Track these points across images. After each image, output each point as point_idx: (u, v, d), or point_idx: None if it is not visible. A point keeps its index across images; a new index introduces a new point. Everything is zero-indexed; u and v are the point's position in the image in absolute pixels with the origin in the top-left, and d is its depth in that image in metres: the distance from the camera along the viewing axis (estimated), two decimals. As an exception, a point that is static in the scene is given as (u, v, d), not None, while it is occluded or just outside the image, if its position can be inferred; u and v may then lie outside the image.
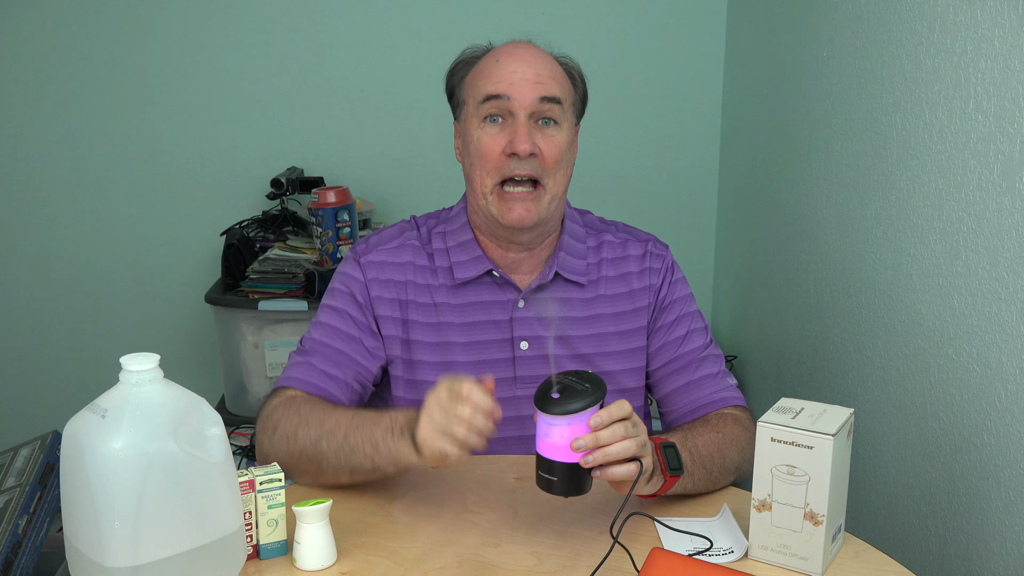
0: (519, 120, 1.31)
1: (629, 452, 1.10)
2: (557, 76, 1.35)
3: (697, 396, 1.40)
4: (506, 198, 1.33)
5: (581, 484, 1.10)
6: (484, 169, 1.33)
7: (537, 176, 1.32)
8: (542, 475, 1.10)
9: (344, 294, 1.40)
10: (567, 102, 1.35)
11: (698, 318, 1.46)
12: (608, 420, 1.09)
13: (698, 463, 1.25)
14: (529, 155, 1.31)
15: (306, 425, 1.27)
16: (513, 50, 1.35)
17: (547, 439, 1.08)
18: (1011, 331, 1.31)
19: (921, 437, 1.56)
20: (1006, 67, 1.31)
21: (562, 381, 1.09)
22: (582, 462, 1.08)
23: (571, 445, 1.07)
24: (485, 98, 1.32)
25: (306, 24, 2.71)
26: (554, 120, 1.33)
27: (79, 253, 2.80)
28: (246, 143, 2.76)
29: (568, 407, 1.06)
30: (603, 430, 1.08)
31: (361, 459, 1.22)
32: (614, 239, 1.46)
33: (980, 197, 1.38)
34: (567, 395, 1.07)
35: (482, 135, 1.33)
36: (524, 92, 1.31)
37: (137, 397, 0.96)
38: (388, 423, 1.20)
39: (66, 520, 1.01)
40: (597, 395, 1.08)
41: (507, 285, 1.40)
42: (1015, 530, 1.30)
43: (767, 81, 2.38)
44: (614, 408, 1.10)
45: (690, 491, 1.26)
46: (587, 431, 1.08)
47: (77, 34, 2.67)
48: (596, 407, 1.09)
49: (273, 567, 1.13)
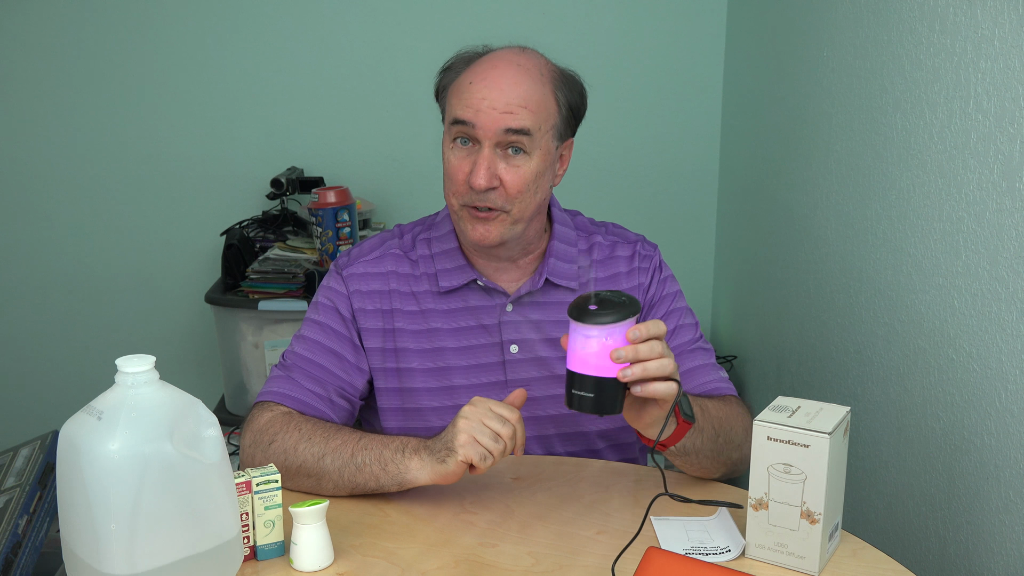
0: (483, 151, 1.28)
1: (667, 370, 1.09)
2: (531, 103, 1.28)
3: (690, 387, 1.39)
4: (470, 216, 1.31)
5: (615, 401, 1.08)
6: (451, 190, 1.32)
7: (497, 207, 1.30)
8: (575, 393, 1.08)
9: (328, 308, 1.40)
10: (541, 130, 1.29)
11: (687, 314, 1.46)
12: (645, 334, 1.07)
13: (707, 421, 1.24)
14: (486, 190, 1.28)
15: (308, 441, 1.27)
16: (488, 72, 1.29)
17: (582, 352, 1.06)
18: (1011, 331, 1.30)
19: (921, 437, 1.56)
20: (1006, 67, 1.30)
21: (599, 294, 1.07)
22: (620, 375, 1.06)
23: (611, 356, 1.05)
24: (453, 120, 1.30)
25: (306, 24, 2.71)
26: (523, 150, 1.29)
27: (79, 253, 2.80)
28: (246, 143, 2.76)
29: (606, 317, 1.05)
30: (642, 344, 1.07)
31: (367, 477, 1.23)
32: (603, 241, 1.46)
33: (980, 197, 1.37)
34: (605, 306, 1.06)
35: (451, 156, 1.31)
36: (489, 122, 1.26)
37: (133, 399, 0.96)
38: (398, 444, 1.23)
39: (63, 523, 1.01)
40: (634, 308, 1.07)
41: (494, 291, 1.40)
42: (1015, 530, 1.30)
43: (767, 81, 2.38)
44: (651, 324, 1.08)
45: (699, 452, 1.24)
46: (624, 344, 1.06)
47: (77, 34, 2.67)
48: (632, 320, 1.07)
49: (270, 568, 1.13)
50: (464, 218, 1.32)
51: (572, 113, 1.36)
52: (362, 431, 1.29)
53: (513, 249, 1.38)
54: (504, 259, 1.39)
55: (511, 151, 1.29)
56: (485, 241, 1.32)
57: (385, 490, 1.25)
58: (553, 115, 1.31)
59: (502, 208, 1.30)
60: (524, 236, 1.36)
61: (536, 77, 1.30)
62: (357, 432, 1.28)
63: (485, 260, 1.40)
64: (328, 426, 1.30)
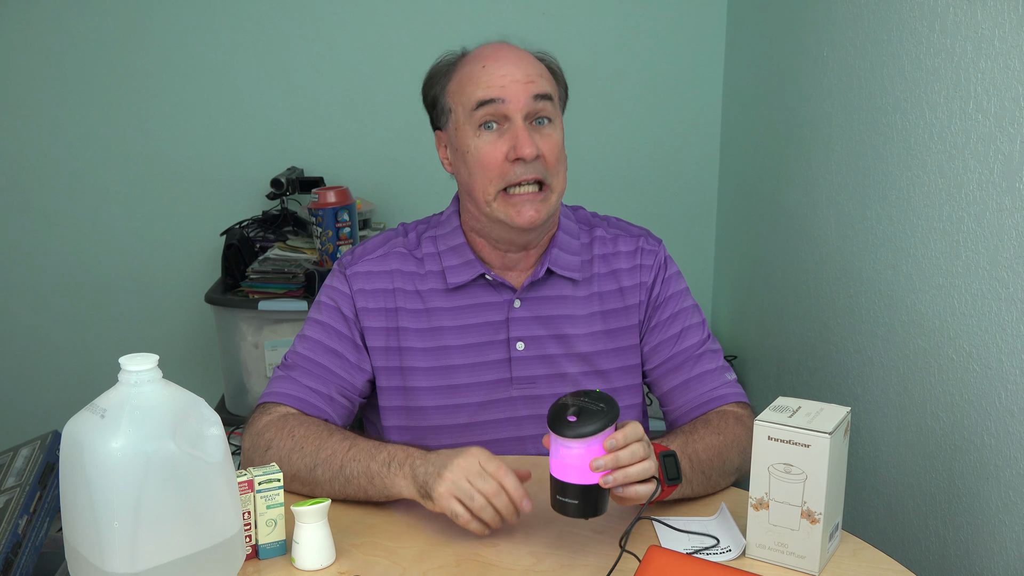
0: (516, 123, 1.29)
1: (648, 472, 1.10)
2: (544, 73, 1.34)
3: (696, 393, 1.39)
4: (513, 201, 1.31)
5: (598, 505, 1.10)
6: (486, 178, 1.31)
7: (542, 178, 1.31)
8: (559, 498, 1.09)
9: (330, 307, 1.40)
10: (556, 97, 1.35)
11: (694, 312, 1.45)
12: (624, 441, 1.09)
13: (697, 470, 1.25)
14: (535, 158, 1.29)
15: (300, 451, 1.27)
16: (497, 52, 1.33)
17: (562, 461, 1.08)
18: (1011, 331, 1.31)
19: (921, 437, 1.56)
20: (1006, 67, 1.31)
21: (576, 403, 1.09)
22: (602, 482, 1.07)
23: (590, 466, 1.06)
24: (478, 104, 1.30)
25: (306, 24, 2.71)
26: (548, 118, 1.32)
27: (79, 253, 2.80)
28: (246, 143, 2.76)
29: (585, 429, 1.06)
30: (623, 451, 1.08)
31: (355, 490, 1.23)
32: (605, 234, 1.45)
33: (980, 197, 1.38)
34: (583, 417, 1.07)
35: (480, 144, 1.31)
36: (518, 94, 1.29)
37: (136, 397, 0.96)
38: (385, 456, 1.21)
39: (65, 521, 1.01)
40: (612, 415, 1.08)
41: (501, 286, 1.39)
42: (1015, 530, 1.30)
43: (767, 81, 2.38)
44: (628, 430, 1.10)
45: (687, 495, 1.26)
46: (603, 452, 1.08)
47: (77, 34, 2.67)
48: (611, 428, 1.09)
49: (272, 567, 1.13)
50: (503, 206, 1.31)
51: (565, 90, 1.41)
52: (353, 437, 1.27)
53: (542, 232, 1.38)
54: (524, 247, 1.39)
55: (536, 123, 1.31)
56: (535, 222, 1.31)
57: (375, 500, 1.24)
58: (556, 87, 1.37)
59: (545, 180, 1.31)
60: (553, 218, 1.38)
61: (532, 54, 1.37)
62: (348, 439, 1.26)
63: (502, 252, 1.39)
64: (320, 431, 1.28)
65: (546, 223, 1.35)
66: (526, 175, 1.30)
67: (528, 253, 1.40)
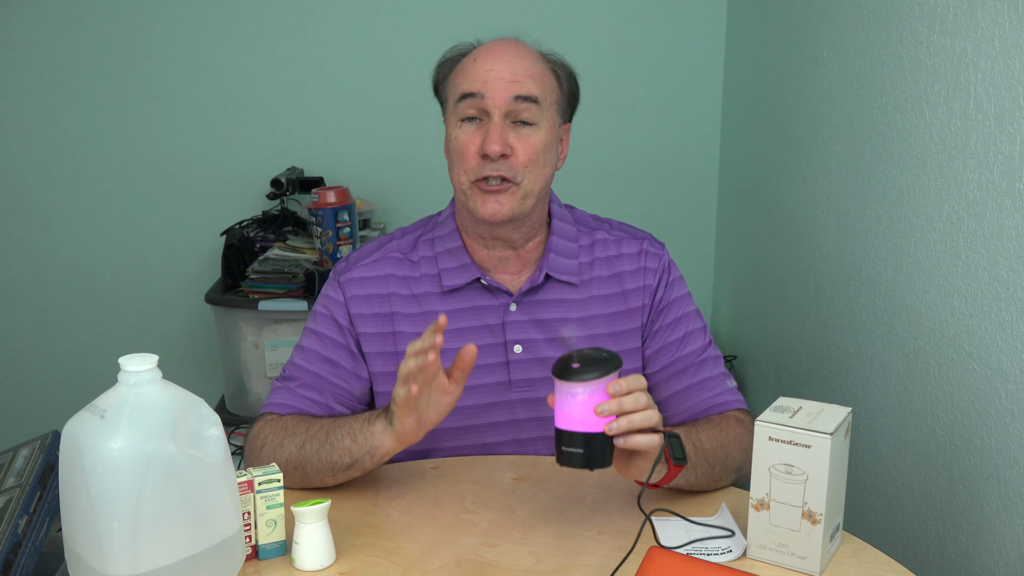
0: (494, 120, 1.30)
1: (652, 421, 1.10)
2: (536, 75, 1.32)
3: (698, 400, 1.39)
4: (480, 193, 1.32)
5: (604, 455, 1.09)
6: (461, 168, 1.33)
7: (509, 177, 1.30)
8: (564, 450, 1.09)
9: (325, 316, 1.40)
10: (547, 101, 1.33)
11: (696, 318, 1.45)
12: (627, 388, 1.09)
13: (701, 457, 1.25)
14: (500, 156, 1.29)
15: (291, 435, 1.29)
16: (492, 48, 1.34)
17: (568, 410, 1.08)
18: (1011, 331, 1.31)
19: (921, 437, 1.56)
20: (1006, 67, 1.31)
21: (581, 352, 1.10)
22: (606, 429, 1.07)
23: (595, 410, 1.07)
24: (461, 96, 1.31)
25: (306, 24, 2.71)
26: (530, 121, 1.31)
27: (79, 253, 2.80)
28: (246, 143, 2.76)
29: (589, 374, 1.07)
30: (626, 396, 1.08)
31: (341, 453, 1.25)
32: (608, 237, 1.44)
33: (980, 197, 1.38)
34: (587, 364, 1.08)
35: (459, 134, 1.32)
36: (498, 91, 1.29)
37: (136, 397, 0.96)
38: (367, 415, 1.26)
39: (65, 522, 1.01)
40: (615, 363, 1.09)
41: (497, 290, 1.39)
42: (1015, 530, 1.30)
43: (767, 81, 2.38)
44: (631, 378, 1.10)
45: (692, 486, 1.26)
46: (607, 399, 1.08)
47: (77, 34, 2.67)
48: (615, 375, 1.09)
49: (272, 567, 1.13)
50: (474, 195, 1.32)
51: (571, 92, 1.40)
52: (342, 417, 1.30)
53: (517, 231, 1.37)
54: (507, 246, 1.38)
55: (519, 124, 1.31)
56: (497, 216, 1.31)
57: (362, 466, 1.25)
58: (555, 90, 1.36)
59: (513, 179, 1.31)
60: (529, 218, 1.36)
61: (536, 55, 1.36)
62: (337, 418, 1.30)
63: (488, 250, 1.39)
64: (312, 419, 1.32)
65: (517, 220, 1.34)
66: (493, 171, 1.30)
67: (518, 253, 1.40)
